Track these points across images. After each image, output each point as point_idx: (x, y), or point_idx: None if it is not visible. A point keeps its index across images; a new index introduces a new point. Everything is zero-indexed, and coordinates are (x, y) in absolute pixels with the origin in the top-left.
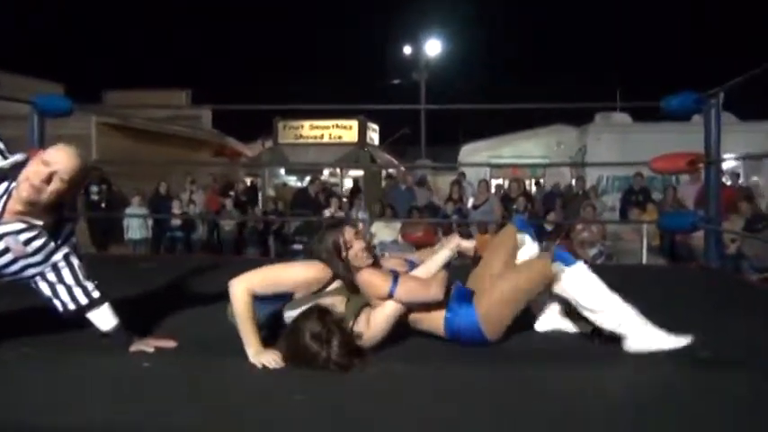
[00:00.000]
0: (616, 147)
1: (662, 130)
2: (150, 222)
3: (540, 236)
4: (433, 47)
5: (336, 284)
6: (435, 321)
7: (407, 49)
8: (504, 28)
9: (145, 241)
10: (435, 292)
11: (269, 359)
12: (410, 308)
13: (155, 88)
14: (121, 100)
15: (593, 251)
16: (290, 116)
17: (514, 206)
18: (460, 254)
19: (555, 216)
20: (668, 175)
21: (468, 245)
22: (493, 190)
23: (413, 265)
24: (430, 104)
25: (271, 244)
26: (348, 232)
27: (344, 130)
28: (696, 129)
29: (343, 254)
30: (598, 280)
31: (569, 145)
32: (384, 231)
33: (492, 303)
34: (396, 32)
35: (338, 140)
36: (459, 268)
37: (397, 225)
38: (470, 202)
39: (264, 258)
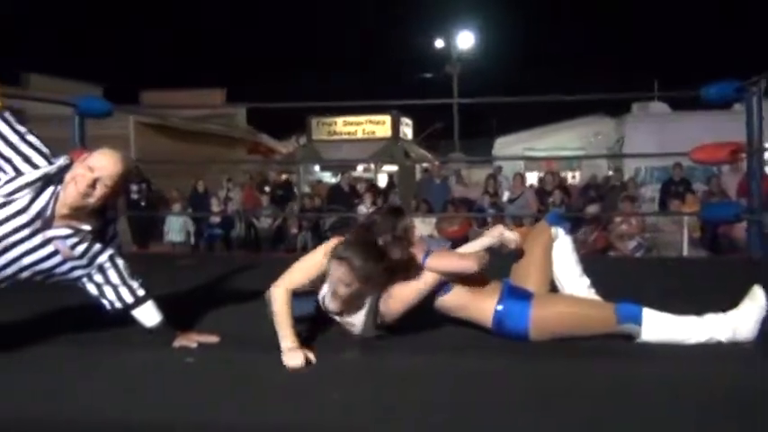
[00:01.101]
0: (654, 137)
1: (702, 120)
2: (188, 220)
3: (577, 229)
4: (466, 39)
5: None
6: (484, 312)
7: (439, 43)
8: (537, 18)
9: (185, 240)
10: (469, 263)
11: (300, 355)
12: (458, 300)
13: (190, 88)
14: (158, 100)
15: (632, 244)
16: (323, 113)
17: (550, 199)
18: (502, 245)
19: (593, 209)
20: (712, 165)
21: (511, 235)
22: (528, 183)
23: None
24: (463, 97)
25: (307, 240)
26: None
27: (378, 126)
28: (737, 117)
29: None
30: (671, 319)
31: (607, 136)
32: (419, 226)
33: (549, 315)
34: (428, 26)
35: (372, 136)
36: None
37: (433, 219)
38: (505, 196)
39: (302, 254)
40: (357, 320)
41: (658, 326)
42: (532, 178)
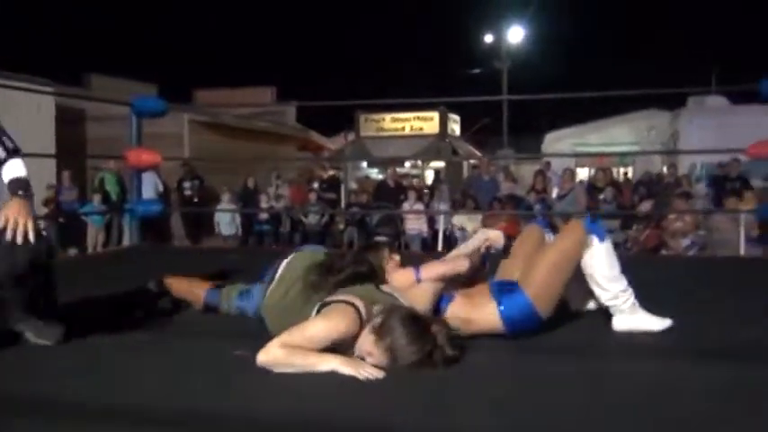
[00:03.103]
0: (711, 132)
1: (762, 114)
2: (238, 217)
3: (630, 226)
4: (516, 34)
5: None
6: (490, 319)
7: (489, 38)
8: (588, 11)
9: (235, 235)
10: (461, 263)
11: (365, 367)
12: (460, 315)
13: (241, 86)
14: (211, 99)
15: (685, 242)
16: (371, 109)
17: (601, 196)
18: (489, 246)
19: (645, 206)
20: None
21: (494, 234)
22: (578, 179)
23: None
24: (512, 93)
25: (354, 235)
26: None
27: (425, 122)
28: None
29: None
30: (617, 260)
31: (661, 130)
32: (465, 223)
33: (539, 281)
34: (477, 20)
35: (419, 132)
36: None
37: (479, 216)
38: (555, 192)
39: (349, 249)
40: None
41: (608, 254)
42: (583, 174)
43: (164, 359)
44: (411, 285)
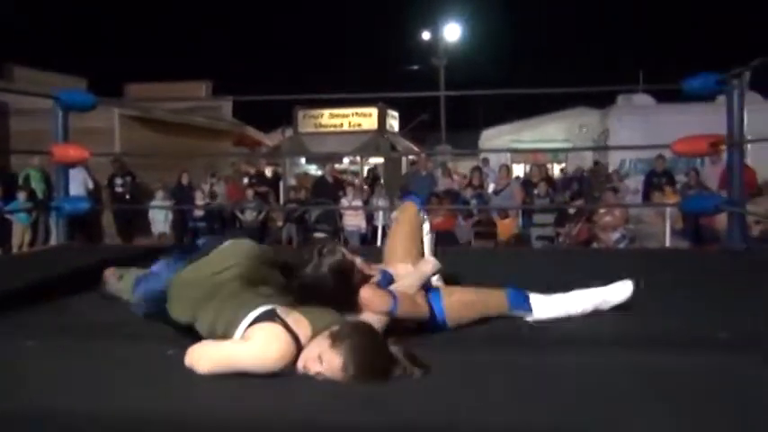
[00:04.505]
0: (639, 129)
1: (686, 112)
2: (170, 214)
3: (564, 220)
4: (453, 31)
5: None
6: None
7: (426, 35)
8: (523, 11)
9: (169, 231)
10: (425, 311)
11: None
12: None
13: (175, 80)
14: (142, 93)
15: (615, 235)
16: (309, 105)
17: (535, 191)
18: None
19: (577, 200)
20: (693, 157)
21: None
22: (515, 175)
23: (386, 277)
24: (450, 89)
25: (292, 232)
26: (340, 252)
27: (364, 118)
28: (721, 109)
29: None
30: (557, 300)
31: (592, 128)
32: None
33: (455, 303)
34: (414, 18)
35: (358, 128)
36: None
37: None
38: (491, 188)
39: (288, 246)
40: None
41: (546, 307)
42: (519, 170)
43: (91, 361)
44: (380, 313)
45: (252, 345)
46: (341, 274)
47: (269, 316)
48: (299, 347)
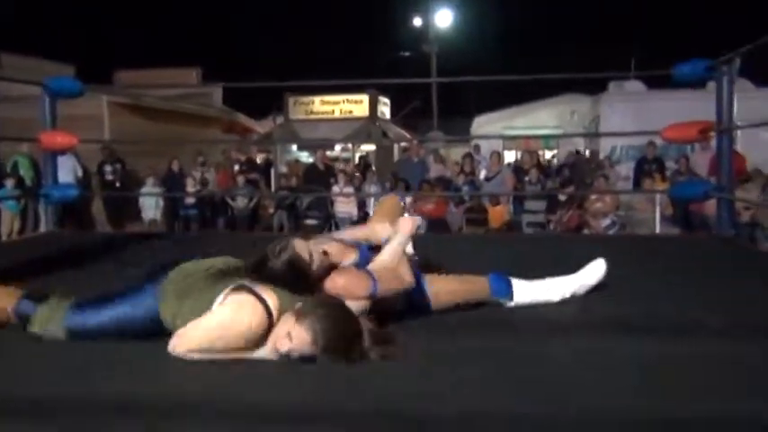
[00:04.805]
0: (630, 115)
1: (677, 98)
2: (161, 201)
3: (555, 206)
4: (444, 17)
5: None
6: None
7: (417, 21)
8: None
9: (160, 218)
10: (410, 281)
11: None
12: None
13: (165, 67)
14: (132, 79)
15: (605, 222)
16: (300, 92)
17: (527, 177)
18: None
19: (568, 187)
20: (682, 144)
21: (416, 222)
22: (506, 162)
23: (364, 254)
24: (441, 76)
25: (283, 219)
26: (299, 245)
27: (355, 105)
28: (711, 96)
29: (312, 267)
30: (537, 286)
31: (583, 114)
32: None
33: (439, 289)
34: (405, 3)
35: (349, 115)
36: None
37: (409, 199)
38: (483, 174)
39: (279, 234)
40: None
41: (526, 292)
42: (511, 157)
43: (71, 350)
44: (362, 299)
45: (223, 311)
46: (297, 271)
47: (237, 288)
48: (269, 314)
